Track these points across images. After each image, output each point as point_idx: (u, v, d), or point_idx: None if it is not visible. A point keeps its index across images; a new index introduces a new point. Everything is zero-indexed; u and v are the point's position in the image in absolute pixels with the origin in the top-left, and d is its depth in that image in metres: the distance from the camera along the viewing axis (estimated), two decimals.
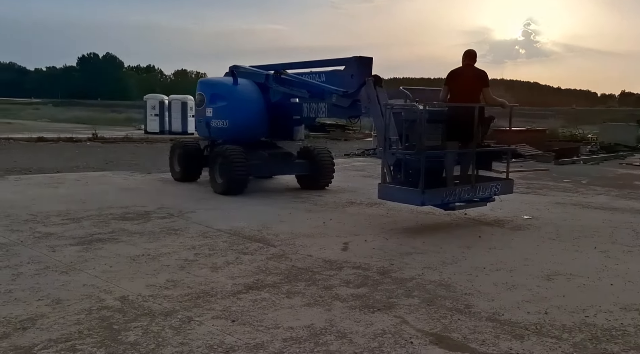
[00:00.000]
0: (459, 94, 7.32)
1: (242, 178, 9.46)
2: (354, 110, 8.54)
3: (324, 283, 4.83)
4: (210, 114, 10.42)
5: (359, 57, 8.32)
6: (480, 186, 7.36)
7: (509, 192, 7.92)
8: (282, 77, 9.60)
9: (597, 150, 20.70)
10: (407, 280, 5.00)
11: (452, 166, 7.42)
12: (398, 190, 7.05)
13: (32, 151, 18.00)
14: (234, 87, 10.47)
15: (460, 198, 7.14)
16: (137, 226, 6.82)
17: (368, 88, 7.83)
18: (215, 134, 10.51)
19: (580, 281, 5.06)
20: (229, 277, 4.88)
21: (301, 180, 10.76)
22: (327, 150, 10.95)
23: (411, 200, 6.97)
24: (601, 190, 11.24)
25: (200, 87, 11.08)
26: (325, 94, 8.84)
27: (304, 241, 6.36)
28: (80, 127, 33.57)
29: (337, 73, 8.85)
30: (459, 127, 7.16)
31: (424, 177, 6.53)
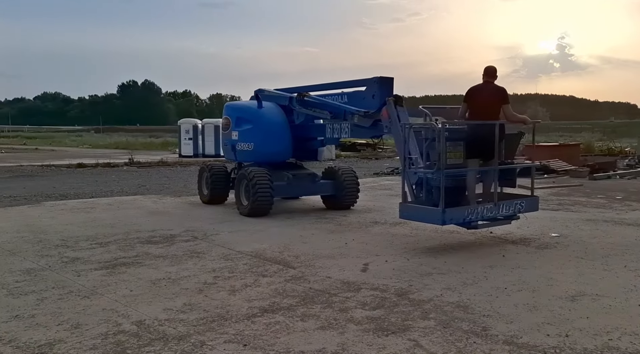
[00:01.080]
0: (478, 111, 7.28)
1: (266, 200, 9.55)
2: (375, 130, 8.61)
3: (340, 305, 4.82)
4: (236, 137, 10.65)
5: (380, 77, 8.39)
6: (503, 204, 7.25)
7: (534, 210, 7.74)
8: (304, 99, 9.74)
9: (636, 163, 20.10)
10: (425, 301, 4.94)
11: (474, 184, 7.31)
12: (419, 209, 6.99)
13: (71, 177, 18.56)
14: (259, 111, 10.68)
15: (482, 217, 7.04)
16: (161, 250, 6.95)
17: (389, 108, 7.89)
18: (241, 157, 10.72)
19: (606, 302, 4.90)
20: (245, 300, 4.91)
21: (326, 200, 10.81)
22: (351, 170, 10.97)
23: (432, 219, 6.88)
24: (637, 205, 10.89)
25: (227, 111, 11.34)
26: (347, 115, 8.92)
27: (324, 262, 6.36)
28: (119, 152, 34.58)
29: (359, 94, 8.92)
30: (478, 144, 7.11)
31: (444, 196, 6.48)
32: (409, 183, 7.22)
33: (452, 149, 7.05)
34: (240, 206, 9.88)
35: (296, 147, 10.57)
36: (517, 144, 8.32)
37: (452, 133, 7.16)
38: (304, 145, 10.74)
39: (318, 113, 9.66)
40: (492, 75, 7.40)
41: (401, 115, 7.77)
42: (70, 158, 27.89)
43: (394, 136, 8.01)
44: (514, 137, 8.02)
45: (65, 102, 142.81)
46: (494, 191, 7.26)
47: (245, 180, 9.71)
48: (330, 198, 10.66)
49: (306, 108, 9.77)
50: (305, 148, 10.83)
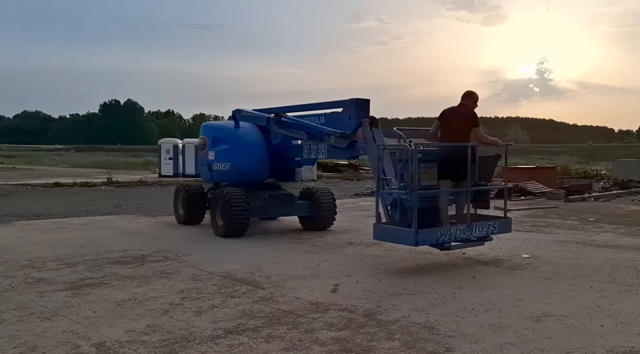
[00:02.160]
0: (448, 133, 7.38)
1: (242, 220, 9.47)
2: (352, 151, 8.63)
3: (306, 326, 4.79)
4: (212, 157, 10.56)
5: (356, 99, 8.46)
6: (476, 225, 7.27)
7: (507, 231, 7.79)
8: (282, 120, 9.77)
9: (610, 186, 20.42)
10: (392, 322, 4.93)
11: (447, 205, 7.34)
12: (392, 230, 7.01)
13: (47, 196, 18.31)
14: (235, 131, 10.63)
15: (456, 238, 7.07)
16: (130, 270, 6.86)
17: (364, 129, 7.92)
18: (217, 177, 10.65)
19: (570, 323, 4.93)
20: (210, 321, 4.86)
21: (303, 221, 10.76)
22: (328, 191, 10.97)
23: (405, 240, 6.89)
24: (608, 227, 11.05)
25: (203, 130, 11.24)
26: (323, 136, 8.95)
27: (295, 283, 6.33)
28: (99, 171, 34.19)
29: (335, 116, 8.97)
30: (450, 165, 7.16)
31: (417, 217, 6.50)
32: (383, 204, 7.24)
33: (426, 170, 7.10)
34: (215, 227, 9.79)
35: (273, 168, 10.52)
36: (493, 166, 8.34)
37: (426, 155, 7.24)
38: (282, 166, 10.69)
39: (295, 134, 9.70)
40: (467, 98, 7.49)
41: (376, 136, 7.82)
42: (47, 177, 27.47)
43: (370, 157, 8.04)
44: (490, 159, 8.09)
45: (46, 121, 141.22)
46: (466, 213, 7.26)
47: (221, 200, 9.63)
48: (308, 219, 10.62)
49: (283, 128, 9.81)
50: (283, 168, 10.77)
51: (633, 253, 8.30)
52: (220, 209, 9.67)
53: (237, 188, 9.75)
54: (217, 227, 9.73)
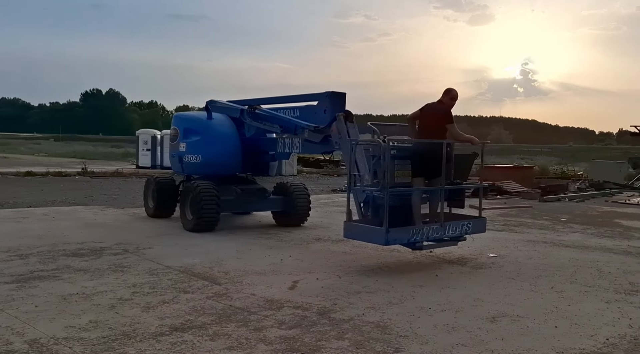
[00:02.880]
0: (423, 129, 7.22)
1: (212, 215, 9.21)
2: (326, 145, 8.36)
3: (256, 324, 4.65)
4: (183, 149, 10.27)
5: (332, 92, 8.20)
6: (450, 225, 7.06)
7: (481, 231, 7.63)
8: (255, 112, 9.50)
9: (586, 187, 20.56)
10: (345, 320, 4.81)
11: (419, 203, 7.10)
12: (363, 228, 6.79)
13: (17, 185, 17.93)
14: (208, 122, 10.32)
15: (428, 237, 6.87)
16: (85, 263, 6.66)
17: (338, 124, 7.69)
18: (188, 169, 10.36)
19: (525, 323, 4.86)
20: (157, 318, 4.70)
21: (277, 216, 10.53)
22: (303, 186, 10.74)
23: (375, 239, 6.65)
24: (578, 228, 11.07)
25: (175, 121, 10.93)
26: (297, 129, 8.70)
27: (254, 279, 6.19)
28: (76, 161, 33.60)
29: (310, 109, 8.70)
30: (423, 162, 6.98)
31: (388, 215, 6.27)
32: (356, 201, 7.04)
33: (401, 167, 6.92)
34: (184, 221, 9.51)
35: (247, 161, 10.25)
36: (470, 165, 8.13)
37: (401, 152, 7.03)
38: (256, 159, 10.40)
39: (268, 126, 9.45)
40: (445, 94, 7.29)
41: (351, 131, 7.59)
42: (21, 166, 26.94)
43: (343, 152, 7.80)
44: (467, 157, 7.89)
45: (25, 108, 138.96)
46: (440, 212, 7.04)
47: (190, 194, 9.35)
48: (281, 214, 10.40)
49: (257, 121, 9.54)
50: (257, 162, 10.50)
51: (599, 253, 8.30)
52: (190, 203, 9.39)
53: (208, 182, 9.48)
54: (186, 221, 9.46)
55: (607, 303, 5.59)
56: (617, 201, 16.78)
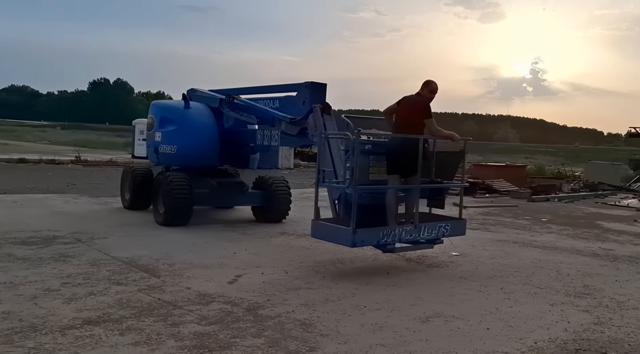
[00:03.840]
0: (399, 123, 6.71)
1: (184, 208, 8.89)
2: (303, 138, 8.00)
3: (176, 319, 4.51)
4: (158, 139, 9.87)
5: (311, 82, 7.70)
6: (425, 226, 6.60)
7: (460, 234, 7.20)
8: (234, 102, 9.13)
9: (580, 188, 20.27)
10: (271, 317, 4.67)
11: (394, 203, 6.60)
12: (329, 228, 6.37)
13: (4, 172, 17.88)
14: (185, 111, 9.89)
15: (400, 239, 6.42)
16: (30, 252, 6.56)
17: (315, 116, 7.30)
18: (163, 160, 10.00)
19: (457, 324, 4.70)
20: (75, 310, 4.57)
21: (256, 212, 10.19)
22: (283, 180, 10.37)
23: (342, 240, 6.20)
24: (556, 228, 10.86)
25: (151, 109, 10.50)
26: (275, 121, 8.33)
27: (196, 272, 6.05)
28: (75, 149, 33.53)
29: (290, 100, 8.23)
30: (399, 159, 6.51)
31: (356, 215, 5.87)
32: (330, 198, 6.72)
33: (376, 164, 6.57)
34: (156, 215, 9.20)
35: (225, 153, 9.83)
36: (456, 164, 7.57)
37: (377, 147, 6.67)
38: (235, 152, 9.96)
39: (245, 117, 9.07)
40: (424, 87, 6.77)
41: (327, 123, 7.17)
42: (17, 153, 26.95)
43: (318, 146, 7.00)
44: (453, 155, 7.40)
45: (33, 96, 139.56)
46: (415, 212, 6.59)
47: (162, 186, 9.03)
48: (261, 209, 10.06)
49: (235, 111, 9.17)
50: (236, 154, 10.05)
51: (565, 255, 8.11)
52: (161, 195, 9.05)
53: (181, 174, 9.19)
54: (158, 215, 9.15)
55: (552, 306, 5.42)
56: (606, 203, 16.50)
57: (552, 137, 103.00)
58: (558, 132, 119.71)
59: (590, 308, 5.42)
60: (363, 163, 6.35)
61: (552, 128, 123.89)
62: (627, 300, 5.78)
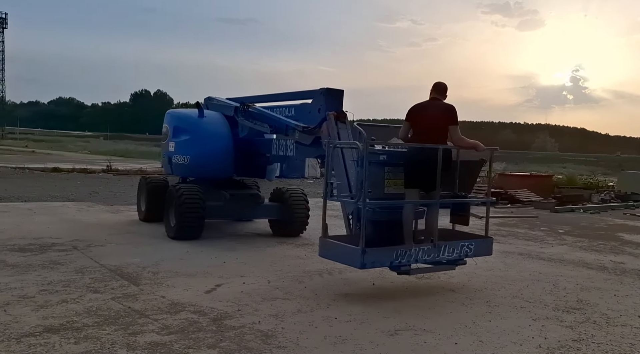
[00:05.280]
0: (421, 133, 5.96)
1: (195, 222, 8.51)
2: (317, 148, 7.29)
3: (138, 328, 4.51)
4: (172, 149, 9.54)
5: (327, 88, 7.25)
6: (445, 245, 5.91)
7: (486, 253, 6.45)
8: (248, 110, 8.76)
9: (611, 198, 19.55)
10: (234, 328, 4.62)
11: (411, 219, 5.91)
12: (337, 247, 5.76)
13: (34, 180, 18.49)
14: (198, 120, 9.56)
15: (417, 260, 5.75)
16: (22, 259, 6.71)
17: (329, 124, 6.79)
18: (177, 171, 9.65)
19: (424, 339, 4.55)
20: (41, 317, 4.62)
21: (273, 225, 9.73)
22: (301, 192, 9.81)
23: (350, 261, 5.56)
24: (571, 240, 10.47)
25: (166, 118, 10.16)
26: (288, 130, 7.89)
27: (177, 281, 6.06)
28: (114, 159, 34.31)
29: (305, 107, 7.72)
30: (419, 171, 5.85)
31: (365, 232, 5.30)
32: (344, 212, 6.19)
33: (392, 176, 6.03)
34: (168, 228, 8.82)
35: (241, 164, 9.45)
36: (476, 174, 7.09)
37: (393, 157, 6.10)
38: (251, 162, 9.57)
39: (259, 126, 8.65)
40: (441, 92, 6.15)
41: (342, 132, 6.67)
42: (57, 162, 27.82)
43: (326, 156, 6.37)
44: (474, 165, 6.82)
45: (79, 108, 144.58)
46: (434, 229, 5.90)
47: (174, 199, 8.64)
48: (277, 223, 9.59)
49: (249, 120, 8.81)
50: (251, 165, 9.66)
51: (570, 267, 7.80)
52: (173, 208, 8.66)
53: (193, 185, 8.93)
54: (169, 228, 8.77)
55: (534, 320, 5.20)
56: (635, 214, 15.86)
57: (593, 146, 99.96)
58: (600, 141, 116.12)
59: (575, 324, 5.18)
60: (377, 175, 5.88)
61: (594, 137, 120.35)
62: (618, 316, 5.49)
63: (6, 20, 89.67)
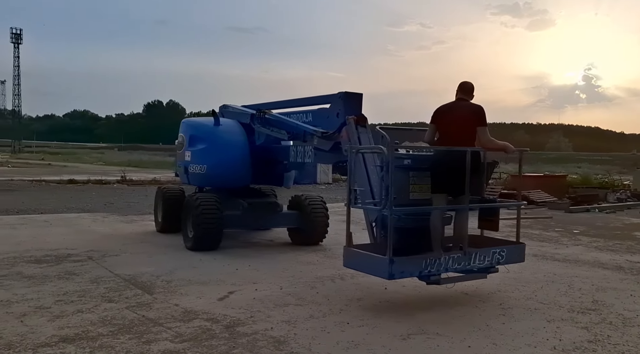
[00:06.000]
0: (448, 135, 5.75)
1: (213, 232, 8.32)
2: (337, 154, 7.12)
3: (153, 336, 4.55)
4: (188, 158, 9.38)
5: (345, 92, 7.05)
6: (476, 253, 5.66)
7: (518, 260, 6.16)
8: (265, 117, 8.56)
9: (627, 197, 19.34)
10: (247, 334, 4.65)
11: (440, 226, 5.67)
12: (363, 257, 5.49)
13: (50, 193, 18.71)
14: (214, 128, 9.38)
15: (447, 269, 5.51)
16: (39, 270, 6.80)
17: (349, 128, 6.58)
18: (193, 180, 9.47)
19: (437, 343, 4.54)
20: (57, 328, 4.68)
21: (292, 234, 9.55)
22: (320, 200, 9.60)
23: (377, 271, 5.33)
24: (586, 240, 10.38)
25: (181, 127, 10.03)
26: (306, 136, 7.68)
27: (191, 289, 6.10)
28: (128, 169, 34.57)
29: (323, 113, 7.51)
30: (446, 175, 5.58)
31: (393, 241, 5.04)
32: (367, 220, 5.90)
33: (417, 181, 5.76)
34: (185, 239, 8.64)
35: (258, 172, 9.26)
36: (489, 175, 6.83)
37: (418, 162, 5.82)
38: (268, 170, 9.40)
39: (276, 133, 8.47)
40: (468, 92, 5.93)
41: (362, 137, 6.45)
42: (72, 174, 28.15)
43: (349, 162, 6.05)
44: (487, 166, 6.47)
45: (93, 120, 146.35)
46: (464, 237, 5.68)
47: (191, 209, 8.47)
48: (296, 231, 9.40)
49: (265, 127, 8.63)
50: (269, 173, 9.50)
51: (585, 268, 7.73)
52: (190, 218, 8.47)
53: (211, 195, 8.80)
54: (187, 239, 8.61)
55: (549, 322, 5.16)
56: None
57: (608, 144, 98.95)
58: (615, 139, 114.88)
59: (590, 325, 5.13)
60: (402, 180, 5.61)
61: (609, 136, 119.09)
62: (635, 316, 5.44)
63: (21, 36, 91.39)
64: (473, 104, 5.87)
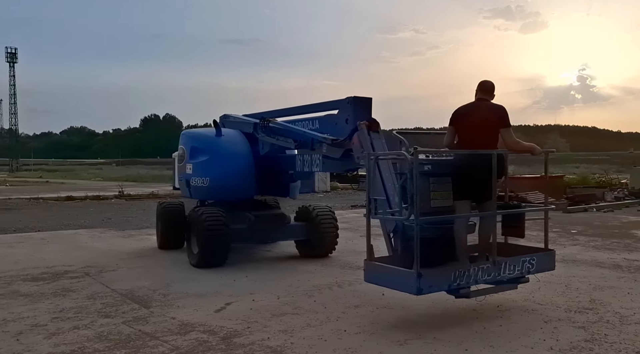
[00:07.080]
0: (469, 137, 5.42)
1: (220, 249, 7.98)
2: (347, 162, 6.84)
3: (149, 350, 4.55)
4: (190, 171, 8.93)
5: (354, 97, 6.72)
6: (506, 262, 5.31)
7: (548, 269, 5.86)
8: (269, 126, 8.18)
9: (625, 196, 19.36)
10: (244, 345, 4.64)
11: (465, 234, 5.42)
12: (387, 271, 5.12)
13: (47, 210, 18.66)
14: (216, 139, 8.95)
15: (477, 280, 5.13)
16: (35, 288, 6.78)
17: (361, 135, 6.24)
18: (196, 194, 9.03)
19: (434, 348, 4.53)
20: (53, 345, 4.67)
21: (300, 246, 9.15)
22: (329, 210, 9.22)
23: (404, 287, 4.94)
24: (583, 240, 10.39)
25: (182, 139, 9.57)
26: (314, 143, 7.33)
27: (188, 302, 6.09)
28: (126, 184, 34.50)
29: (330, 119, 7.16)
30: (470, 180, 5.29)
31: (420, 253, 4.66)
32: (384, 230, 5.56)
33: (438, 187, 5.39)
34: (190, 255, 8.27)
35: (263, 183, 8.94)
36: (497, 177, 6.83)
37: (438, 167, 5.48)
38: (273, 180, 9.07)
39: (282, 141, 8.09)
40: (488, 91, 5.62)
41: (375, 143, 6.13)
42: (69, 191, 28.09)
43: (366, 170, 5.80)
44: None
45: (90, 136, 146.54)
46: (493, 245, 5.34)
47: (195, 224, 8.12)
48: (304, 243, 9.03)
49: (270, 136, 8.27)
50: (274, 183, 9.14)
51: (582, 267, 7.74)
52: (195, 234, 8.13)
53: (215, 208, 8.40)
54: (192, 256, 8.23)
55: (546, 323, 5.16)
56: None
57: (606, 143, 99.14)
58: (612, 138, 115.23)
59: (587, 324, 5.13)
60: (422, 187, 5.14)
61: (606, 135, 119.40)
62: (632, 314, 5.44)
63: (16, 55, 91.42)
64: (494, 104, 5.58)
